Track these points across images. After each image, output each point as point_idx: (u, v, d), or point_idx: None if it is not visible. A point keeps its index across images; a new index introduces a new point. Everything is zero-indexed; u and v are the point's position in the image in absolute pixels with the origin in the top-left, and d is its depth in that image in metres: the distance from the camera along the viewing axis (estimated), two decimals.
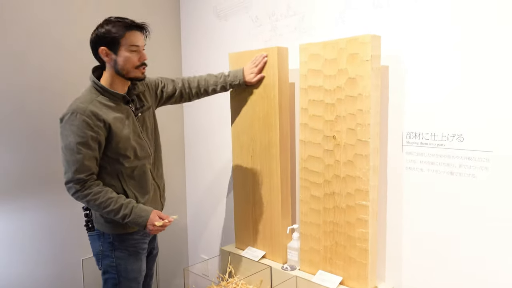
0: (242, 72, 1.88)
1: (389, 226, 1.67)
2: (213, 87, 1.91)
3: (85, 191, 1.53)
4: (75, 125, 1.50)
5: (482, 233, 1.42)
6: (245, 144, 1.99)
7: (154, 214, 1.61)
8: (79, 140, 1.50)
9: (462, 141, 1.43)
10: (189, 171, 2.73)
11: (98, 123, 1.52)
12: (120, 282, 1.69)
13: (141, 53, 1.60)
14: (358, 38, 1.49)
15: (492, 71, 1.34)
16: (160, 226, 1.59)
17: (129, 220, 1.57)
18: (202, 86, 1.91)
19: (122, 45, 1.54)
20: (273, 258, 1.95)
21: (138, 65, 1.59)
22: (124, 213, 1.56)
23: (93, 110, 1.52)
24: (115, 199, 1.56)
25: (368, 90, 1.49)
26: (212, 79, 1.92)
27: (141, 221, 1.58)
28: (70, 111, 1.52)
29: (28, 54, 2.00)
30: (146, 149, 1.69)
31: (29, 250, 2.08)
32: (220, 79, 1.91)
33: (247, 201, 2.03)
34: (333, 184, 1.65)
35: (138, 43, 1.57)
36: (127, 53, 1.55)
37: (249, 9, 2.14)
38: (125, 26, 1.54)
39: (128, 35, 1.54)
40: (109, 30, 1.53)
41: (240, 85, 1.89)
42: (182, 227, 2.79)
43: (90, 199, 1.53)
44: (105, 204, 1.54)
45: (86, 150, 1.51)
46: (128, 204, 1.58)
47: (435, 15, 1.46)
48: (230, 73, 1.91)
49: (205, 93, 1.93)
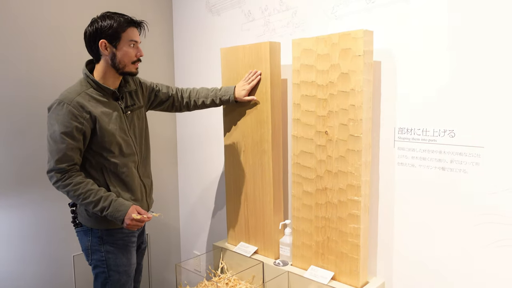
0: (233, 88, 1.89)
1: (381, 222, 1.67)
2: (203, 99, 1.93)
3: (65, 181, 1.53)
4: (61, 115, 1.51)
5: (473, 228, 1.42)
6: (237, 140, 1.98)
7: (132, 209, 1.60)
8: (64, 130, 1.51)
9: (453, 136, 1.44)
10: (182, 167, 2.72)
11: (84, 114, 1.54)
12: (110, 276, 1.69)
13: (139, 49, 1.64)
14: (350, 33, 1.49)
15: (484, 67, 1.35)
16: (137, 220, 1.58)
17: (108, 213, 1.57)
18: (192, 98, 1.94)
19: (123, 40, 1.58)
20: (265, 253, 1.95)
21: (134, 60, 1.63)
22: (103, 205, 1.56)
23: (80, 101, 1.54)
24: (95, 191, 1.56)
25: (360, 85, 1.49)
26: (204, 91, 1.95)
27: (119, 215, 1.57)
28: (58, 101, 1.53)
29: (17, 48, 1.97)
30: (131, 146, 1.69)
31: (20, 247, 2.06)
32: (211, 93, 1.93)
33: (239, 196, 2.02)
34: (325, 180, 1.65)
35: (137, 39, 1.62)
36: (127, 47, 1.59)
37: (241, 4, 2.13)
38: (127, 22, 1.58)
39: (129, 30, 1.59)
40: (111, 24, 1.56)
41: (230, 101, 1.90)
42: (174, 222, 2.78)
43: (70, 189, 1.53)
44: (85, 196, 1.54)
45: (70, 141, 1.52)
46: (108, 197, 1.58)
47: (428, 11, 1.46)
48: (222, 88, 1.93)
49: (194, 104, 1.95)
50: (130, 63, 1.62)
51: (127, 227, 1.59)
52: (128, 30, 1.58)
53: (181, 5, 2.54)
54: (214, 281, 1.93)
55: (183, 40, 2.55)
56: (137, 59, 1.64)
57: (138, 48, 1.63)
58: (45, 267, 2.15)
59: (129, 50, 1.59)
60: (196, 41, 2.45)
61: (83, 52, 1.64)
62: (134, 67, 1.64)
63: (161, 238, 2.70)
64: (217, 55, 2.27)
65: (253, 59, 1.84)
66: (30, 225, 2.09)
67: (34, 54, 2.03)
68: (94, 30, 1.56)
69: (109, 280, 1.69)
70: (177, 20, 2.58)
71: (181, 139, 2.70)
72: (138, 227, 1.61)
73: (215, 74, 2.30)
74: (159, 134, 2.59)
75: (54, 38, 2.08)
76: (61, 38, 2.10)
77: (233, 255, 2.01)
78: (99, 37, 1.56)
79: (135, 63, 1.64)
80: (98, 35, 1.56)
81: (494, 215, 1.38)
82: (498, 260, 1.38)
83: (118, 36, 1.56)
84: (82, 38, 1.73)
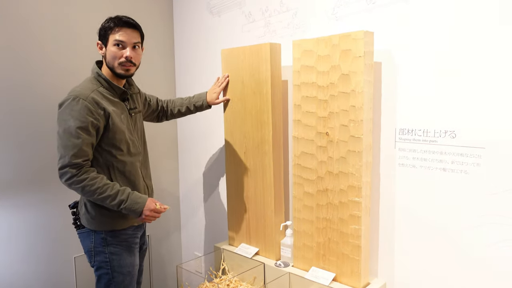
0: (205, 93, 1.97)
1: (382, 223, 1.67)
2: (179, 107, 2.01)
3: (81, 176, 1.53)
4: (76, 110, 1.51)
5: (474, 229, 1.42)
6: (238, 141, 1.98)
7: (150, 201, 1.63)
8: (80, 125, 1.51)
9: (454, 137, 1.44)
10: (183, 168, 2.72)
11: (99, 111, 1.55)
12: (114, 277, 1.69)
13: (127, 50, 1.60)
14: (351, 34, 1.49)
15: (485, 68, 1.35)
16: (155, 211, 1.63)
17: (125, 206, 1.57)
18: (169, 107, 2.02)
19: (109, 40, 1.60)
20: (266, 254, 1.94)
21: (121, 62, 1.61)
22: (121, 198, 1.57)
23: (94, 97, 1.56)
24: (111, 185, 1.58)
25: (361, 86, 1.49)
26: (178, 100, 2.03)
27: (137, 207, 1.59)
28: (72, 97, 1.53)
29: (21, 51, 1.98)
30: (137, 146, 1.71)
31: (21, 248, 2.06)
32: (185, 101, 2.01)
33: (240, 198, 2.02)
34: (326, 181, 1.65)
35: (123, 39, 1.59)
36: (112, 47, 1.60)
37: (242, 5, 2.13)
38: (115, 22, 1.59)
39: (116, 30, 1.59)
40: (104, 25, 1.61)
41: (204, 106, 1.98)
42: (175, 224, 2.78)
43: (86, 184, 1.53)
44: (102, 190, 1.55)
45: (86, 135, 1.52)
46: (125, 190, 1.60)
47: (428, 11, 1.45)
48: (196, 95, 2.01)
49: (171, 113, 2.03)
50: (116, 64, 1.60)
51: (145, 218, 1.62)
52: (114, 30, 1.58)
53: (181, 6, 2.54)
54: (215, 282, 1.92)
55: (184, 41, 2.55)
56: (126, 60, 1.60)
57: (126, 49, 1.60)
58: (46, 268, 2.15)
59: (113, 50, 1.59)
60: (196, 42, 2.46)
61: (84, 53, 1.65)
62: (122, 68, 1.61)
63: (162, 239, 2.70)
64: (217, 56, 2.27)
65: (254, 60, 1.84)
66: (31, 226, 2.09)
67: (34, 55, 2.03)
68: (98, 31, 1.64)
69: (112, 282, 1.69)
70: (177, 21, 2.58)
71: (182, 140, 2.70)
72: (155, 218, 1.64)
73: (216, 75, 2.30)
74: (160, 135, 2.59)
75: (55, 39, 2.08)
76: (61, 39, 2.10)
77: (234, 256, 2.01)
78: (98, 37, 1.63)
79: (123, 65, 1.61)
80: (98, 36, 1.64)
81: (495, 216, 1.37)
82: (500, 261, 1.38)
83: (106, 36, 1.60)
84: (83, 39, 1.75)
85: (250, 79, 1.87)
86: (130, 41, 1.60)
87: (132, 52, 1.61)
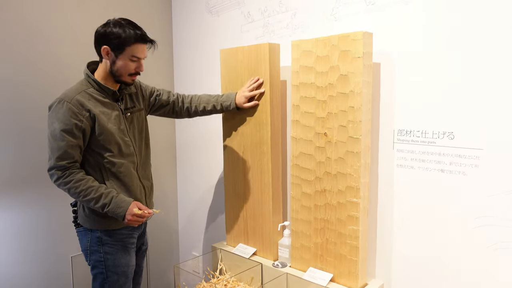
0: (235, 94, 1.88)
1: (380, 223, 1.67)
2: (205, 105, 1.91)
3: (66, 178, 1.54)
4: (61, 113, 1.52)
5: (472, 231, 1.42)
6: (236, 141, 1.98)
7: (133, 205, 1.61)
8: (63, 128, 1.52)
9: (452, 138, 1.44)
10: (180, 168, 2.72)
11: (83, 112, 1.55)
12: (108, 276, 1.68)
13: (140, 63, 1.62)
14: (350, 35, 1.49)
15: (483, 69, 1.35)
16: (138, 216, 1.58)
17: (109, 210, 1.57)
18: (194, 103, 1.93)
19: (126, 53, 1.56)
20: (264, 255, 1.94)
21: (132, 73, 1.62)
22: (103, 202, 1.56)
23: (79, 99, 1.55)
24: (95, 188, 1.57)
25: (359, 87, 1.49)
26: (205, 97, 1.93)
27: (120, 211, 1.58)
28: (58, 100, 1.55)
29: (19, 50, 1.97)
30: (130, 147, 1.69)
31: (18, 247, 2.05)
32: (213, 98, 1.92)
33: (238, 198, 2.02)
34: (324, 181, 1.65)
35: (140, 56, 1.60)
36: (127, 61, 1.58)
37: (241, 5, 2.13)
38: (136, 38, 1.55)
39: (135, 46, 1.56)
40: (119, 34, 1.54)
41: (231, 107, 1.88)
42: (173, 224, 2.77)
43: (71, 186, 1.54)
44: (86, 193, 1.55)
45: (70, 138, 1.53)
46: (109, 194, 1.58)
47: (427, 13, 1.46)
48: (224, 94, 1.92)
49: (195, 110, 1.93)
50: (126, 75, 1.61)
51: (128, 222, 1.60)
52: (133, 46, 1.56)
53: (180, 6, 2.53)
54: (213, 283, 1.92)
55: (183, 41, 2.55)
56: (135, 72, 1.62)
57: (139, 63, 1.61)
58: (42, 267, 2.15)
59: (128, 64, 1.58)
60: (195, 42, 2.45)
61: (83, 53, 1.65)
62: (131, 78, 1.63)
63: (160, 239, 2.69)
64: (216, 56, 2.27)
65: (253, 60, 1.84)
66: (28, 225, 2.08)
67: (33, 54, 2.03)
68: (102, 33, 1.56)
69: (107, 281, 1.69)
70: (176, 21, 2.58)
71: (180, 140, 2.69)
72: (139, 223, 1.61)
73: (215, 75, 2.30)
74: (158, 136, 2.59)
75: (54, 39, 2.08)
76: (61, 39, 2.10)
77: (231, 256, 2.01)
78: (105, 41, 1.55)
79: (133, 76, 1.63)
80: (104, 39, 1.55)
81: (492, 217, 1.38)
82: (497, 262, 1.38)
83: (122, 48, 1.55)
84: (82, 40, 1.74)
85: (249, 79, 1.87)
86: (144, 56, 1.62)
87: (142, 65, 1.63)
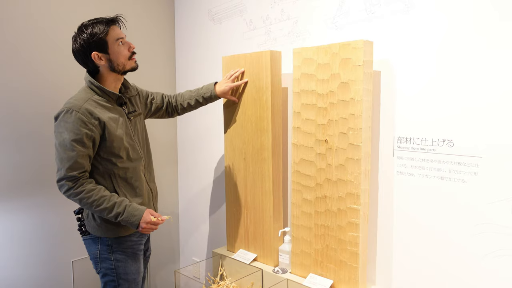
0: (214, 84, 1.93)
1: (380, 230, 1.68)
2: (188, 101, 1.96)
3: (77, 189, 1.52)
4: (70, 123, 1.50)
5: (471, 238, 1.43)
6: (238, 147, 1.99)
7: (147, 213, 1.61)
8: (74, 137, 1.50)
9: (452, 146, 1.45)
10: (182, 174, 2.73)
11: (93, 121, 1.53)
12: (119, 284, 1.68)
13: (128, 43, 1.63)
14: (350, 43, 1.51)
15: (483, 78, 1.36)
16: (152, 224, 1.60)
17: (122, 219, 1.56)
18: (179, 101, 1.97)
19: (110, 43, 1.57)
20: (265, 261, 1.95)
21: (129, 56, 1.62)
22: (117, 211, 1.56)
23: (88, 108, 1.54)
24: (108, 197, 1.56)
25: (360, 95, 1.51)
26: (187, 93, 1.98)
27: (134, 220, 1.58)
28: (65, 109, 1.52)
29: (21, 55, 1.99)
30: (137, 151, 1.69)
31: (19, 252, 2.06)
32: (194, 93, 1.96)
33: (239, 203, 2.03)
34: (324, 188, 1.66)
35: (121, 35, 1.60)
36: (117, 47, 1.58)
37: (243, 13, 2.15)
38: (105, 24, 1.56)
39: (110, 30, 1.57)
40: (92, 33, 1.54)
41: (212, 97, 1.92)
42: (174, 229, 2.78)
43: (83, 197, 1.52)
44: (98, 202, 1.54)
45: (80, 148, 1.51)
46: (122, 203, 1.58)
47: (427, 22, 1.48)
48: (204, 86, 1.96)
49: (182, 107, 1.98)
50: (126, 60, 1.61)
51: (142, 230, 1.60)
52: (110, 33, 1.56)
53: (183, 13, 2.56)
54: None
55: (185, 48, 2.57)
56: (131, 52, 1.63)
57: (127, 42, 1.62)
58: (43, 272, 2.15)
59: (120, 49, 1.59)
60: (197, 49, 2.47)
61: None
62: (133, 61, 1.64)
63: (161, 244, 2.70)
64: (218, 63, 2.29)
65: (254, 67, 1.86)
66: (29, 229, 2.09)
67: (35, 57, 2.05)
68: (80, 46, 1.55)
69: None
70: (179, 28, 2.60)
71: (181, 145, 2.71)
72: (153, 230, 1.62)
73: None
74: (159, 140, 2.60)
75: (55, 46, 2.10)
76: (61, 45, 2.11)
77: (232, 262, 2.02)
78: (88, 50, 1.55)
79: (132, 57, 1.63)
80: (86, 49, 1.55)
81: (492, 224, 1.38)
82: (496, 270, 1.39)
83: (104, 41, 1.55)
84: None
85: (250, 86, 1.89)
86: (123, 35, 1.62)
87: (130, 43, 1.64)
